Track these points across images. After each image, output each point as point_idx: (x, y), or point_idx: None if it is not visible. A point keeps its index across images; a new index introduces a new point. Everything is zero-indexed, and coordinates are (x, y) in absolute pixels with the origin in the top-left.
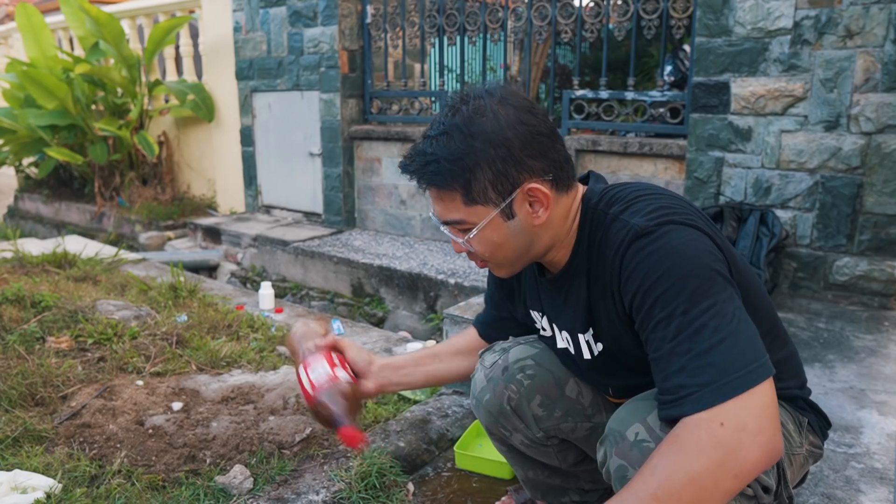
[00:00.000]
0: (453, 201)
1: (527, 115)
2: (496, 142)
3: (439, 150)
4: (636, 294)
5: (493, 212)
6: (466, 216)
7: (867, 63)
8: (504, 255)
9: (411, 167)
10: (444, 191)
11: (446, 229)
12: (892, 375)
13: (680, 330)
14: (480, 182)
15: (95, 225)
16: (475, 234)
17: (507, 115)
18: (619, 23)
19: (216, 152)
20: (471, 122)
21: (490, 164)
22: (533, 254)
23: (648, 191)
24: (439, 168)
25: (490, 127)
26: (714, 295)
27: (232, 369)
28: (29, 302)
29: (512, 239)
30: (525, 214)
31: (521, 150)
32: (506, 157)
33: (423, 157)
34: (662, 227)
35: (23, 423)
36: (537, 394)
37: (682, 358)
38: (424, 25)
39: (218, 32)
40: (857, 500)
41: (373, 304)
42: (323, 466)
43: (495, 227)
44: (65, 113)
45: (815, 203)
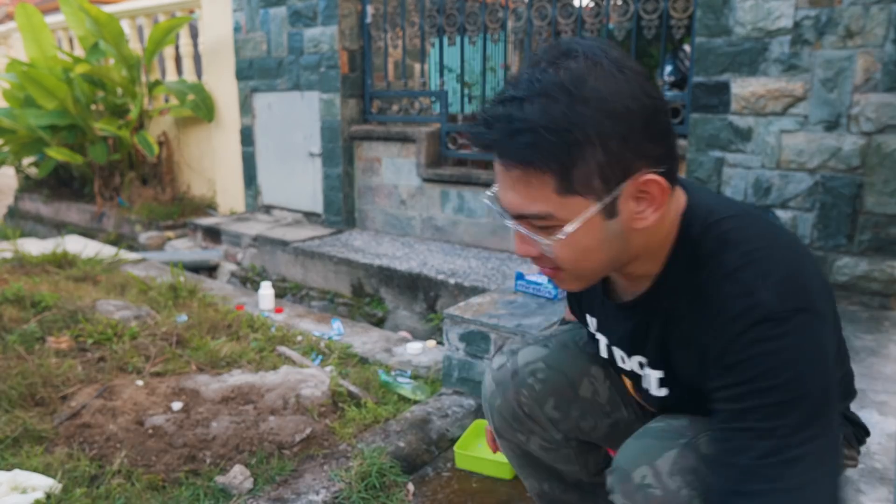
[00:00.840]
0: (542, 188)
1: (649, 86)
2: (616, 112)
3: (535, 115)
4: (739, 385)
5: (594, 207)
6: (557, 210)
7: (867, 63)
8: (590, 265)
9: (490, 135)
10: (533, 172)
11: (521, 226)
12: (892, 375)
13: (774, 451)
14: (588, 164)
15: (95, 225)
16: (565, 236)
17: (628, 80)
18: (619, 23)
19: (216, 152)
20: (583, 83)
21: (604, 143)
22: (617, 265)
23: (770, 239)
24: (536, 139)
25: (609, 92)
26: (823, 424)
27: (232, 369)
28: (29, 302)
29: (605, 244)
30: (629, 214)
31: (644, 128)
32: (625, 137)
33: (510, 124)
34: (796, 317)
35: (23, 423)
36: (550, 397)
37: (768, 483)
38: (424, 25)
39: (218, 32)
40: (857, 500)
41: (373, 304)
42: (323, 466)
43: (591, 228)
44: (65, 113)
45: (815, 203)
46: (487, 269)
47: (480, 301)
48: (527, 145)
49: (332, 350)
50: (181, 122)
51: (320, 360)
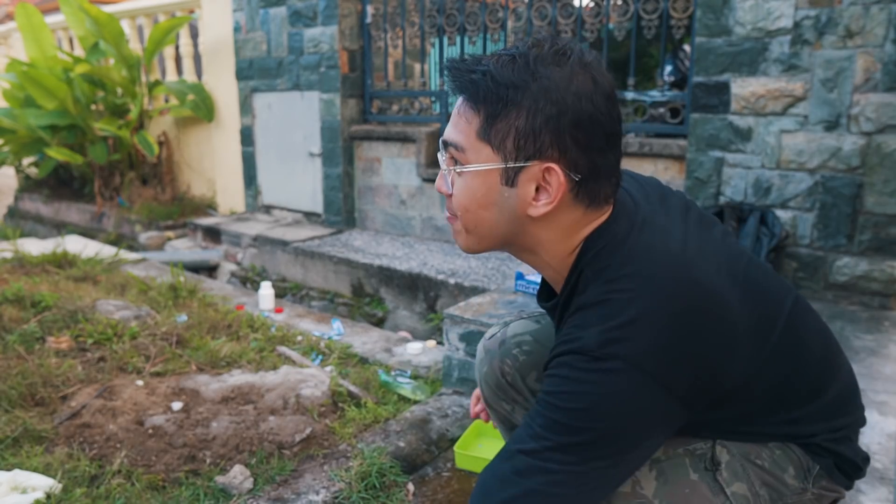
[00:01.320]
0: (469, 124)
1: (602, 101)
2: (553, 97)
3: (495, 67)
4: (542, 393)
5: (498, 164)
6: (469, 148)
7: (867, 63)
8: (477, 221)
9: (457, 66)
10: (468, 105)
11: (442, 152)
12: (892, 375)
13: (534, 454)
14: (508, 122)
15: (95, 225)
16: (462, 172)
17: (582, 84)
18: (619, 23)
19: (216, 152)
20: (542, 62)
21: (529, 114)
22: (511, 245)
23: (645, 279)
24: (482, 80)
25: (558, 79)
26: (589, 459)
27: (232, 369)
28: (29, 302)
29: (495, 209)
30: (524, 195)
31: (571, 125)
32: (549, 119)
33: (475, 64)
34: (609, 362)
35: (23, 423)
36: (533, 370)
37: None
38: (424, 25)
39: (218, 32)
40: (857, 500)
41: (373, 304)
42: (323, 466)
43: (487, 181)
44: (65, 113)
45: (815, 203)
46: (487, 269)
47: (480, 301)
48: (473, 82)
49: (332, 350)
50: (181, 122)
51: (320, 360)
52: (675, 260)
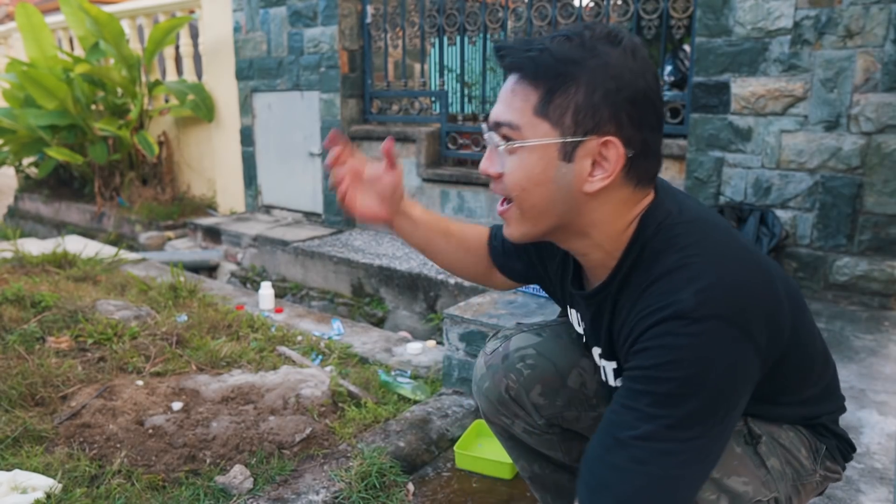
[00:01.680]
0: (525, 101)
1: (654, 81)
2: (611, 73)
3: (552, 44)
4: (638, 369)
5: (556, 139)
6: (526, 125)
7: (867, 63)
8: (532, 201)
9: (510, 44)
10: (525, 83)
11: (492, 134)
12: (892, 375)
13: (651, 437)
14: (568, 98)
15: (95, 225)
16: (518, 146)
17: (637, 63)
18: (619, 23)
19: (216, 152)
20: (600, 40)
21: (589, 89)
22: (563, 228)
23: (715, 247)
24: (539, 56)
25: (615, 57)
26: (708, 427)
27: (232, 369)
28: (29, 302)
29: (552, 186)
30: (581, 170)
31: (628, 101)
32: (608, 94)
33: (531, 43)
34: (707, 322)
35: (23, 423)
36: (537, 384)
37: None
38: (424, 25)
39: (218, 32)
40: (857, 500)
41: (373, 304)
42: (323, 466)
43: (545, 158)
44: (65, 113)
45: (815, 203)
46: None
47: (480, 301)
48: (531, 58)
49: (332, 350)
50: (181, 122)
51: (320, 360)
52: (731, 231)
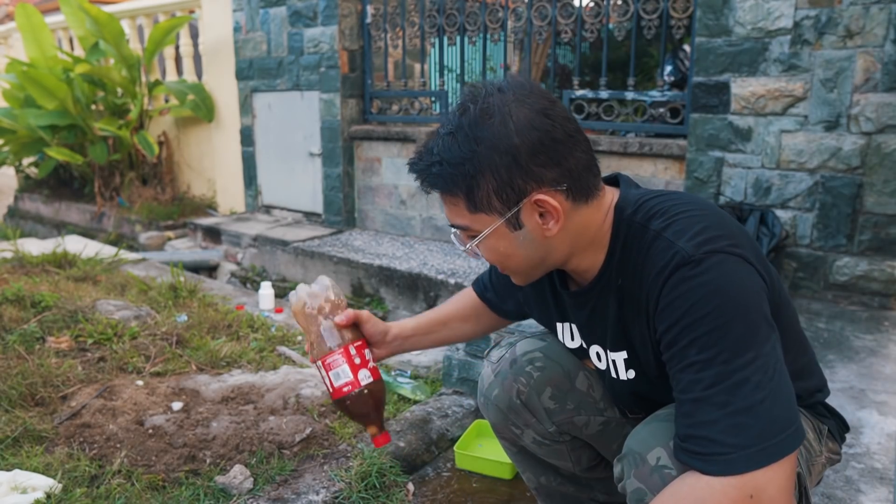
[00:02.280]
0: (457, 206)
1: (541, 119)
2: (501, 148)
3: (444, 151)
4: (672, 327)
5: (498, 221)
6: (471, 223)
7: (867, 63)
8: (515, 265)
9: (417, 166)
10: (447, 195)
11: (454, 233)
12: (892, 375)
13: (719, 379)
14: (483, 190)
15: (95, 225)
16: (479, 242)
17: (518, 118)
18: (619, 23)
19: (216, 152)
20: (476, 125)
21: (494, 173)
22: (550, 264)
23: (690, 205)
24: (441, 171)
25: (496, 131)
26: (758, 345)
27: (232, 369)
28: (29, 302)
29: (522, 250)
30: (534, 226)
31: (529, 158)
32: (510, 166)
33: (429, 157)
34: (711, 258)
35: (23, 423)
36: (547, 386)
37: (718, 411)
38: (424, 25)
39: (218, 32)
40: (857, 500)
41: (373, 304)
42: (323, 466)
43: (501, 237)
44: (65, 113)
45: (815, 203)
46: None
47: None
48: (436, 175)
49: None
50: (181, 122)
51: None
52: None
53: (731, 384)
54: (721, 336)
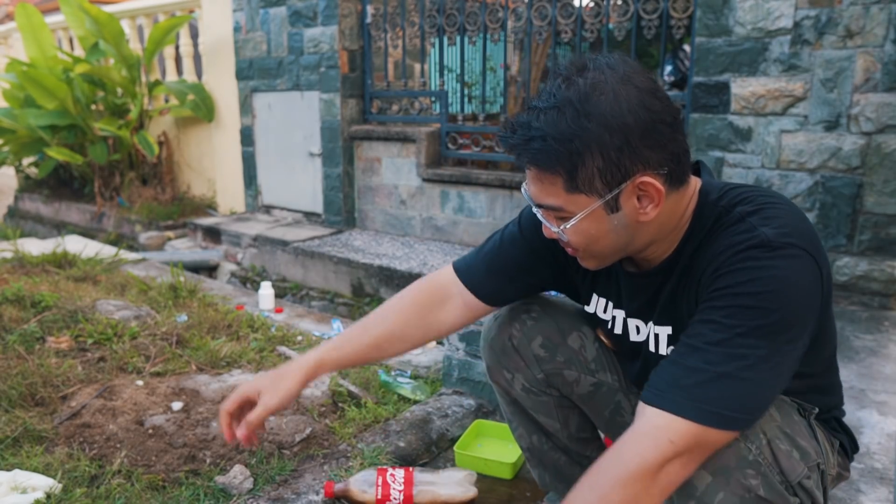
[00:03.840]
0: (553, 185)
1: (651, 99)
2: (613, 126)
3: (547, 126)
4: (720, 290)
5: (597, 203)
6: (566, 204)
7: (867, 63)
8: (600, 249)
9: (512, 140)
10: (545, 172)
11: (540, 213)
12: (892, 375)
13: (726, 344)
14: (588, 169)
15: (95, 225)
16: (572, 225)
17: (628, 97)
18: (619, 23)
19: (216, 152)
20: (587, 100)
21: (603, 151)
22: (631, 249)
23: (776, 198)
24: (545, 146)
25: (608, 108)
26: (779, 345)
27: (232, 369)
28: (29, 302)
29: (612, 233)
30: (631, 209)
31: (641, 138)
32: (622, 146)
33: (528, 131)
34: (790, 249)
35: (23, 423)
36: (539, 335)
37: (705, 364)
38: (424, 25)
39: (218, 32)
40: (857, 500)
41: (373, 304)
42: (323, 466)
43: (596, 220)
44: (65, 113)
45: (815, 203)
46: None
47: None
48: (538, 151)
49: None
50: (181, 122)
51: None
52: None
53: (733, 353)
54: (757, 317)
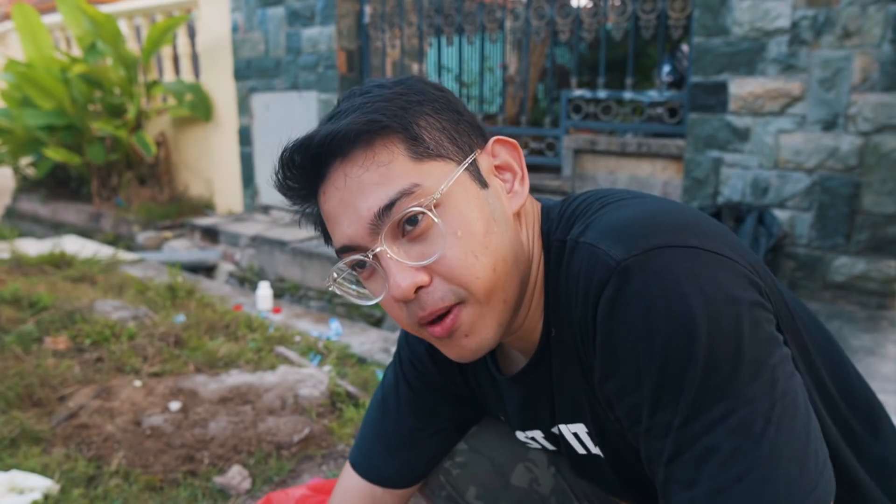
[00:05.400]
0: (393, 157)
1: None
2: (435, 96)
3: (371, 97)
4: (610, 378)
5: (458, 168)
6: (420, 178)
7: (865, 63)
8: (493, 263)
9: (319, 135)
10: (378, 141)
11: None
12: (890, 375)
13: (679, 449)
14: (430, 125)
15: (93, 225)
16: (441, 202)
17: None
18: (617, 22)
19: (214, 152)
20: (396, 84)
21: (436, 112)
22: (520, 277)
23: (620, 194)
24: (373, 108)
25: (421, 86)
26: (737, 390)
27: (230, 369)
28: (26, 302)
29: (495, 227)
30: (498, 187)
31: (465, 113)
32: (456, 116)
33: (344, 114)
34: (652, 259)
35: (20, 424)
36: (471, 484)
37: (685, 491)
38: (422, 25)
39: (216, 32)
40: None
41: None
42: (321, 466)
43: (469, 195)
44: (62, 113)
45: (812, 203)
46: None
47: None
48: (363, 115)
49: (331, 350)
50: (179, 122)
51: (318, 361)
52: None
53: (695, 456)
54: (677, 386)
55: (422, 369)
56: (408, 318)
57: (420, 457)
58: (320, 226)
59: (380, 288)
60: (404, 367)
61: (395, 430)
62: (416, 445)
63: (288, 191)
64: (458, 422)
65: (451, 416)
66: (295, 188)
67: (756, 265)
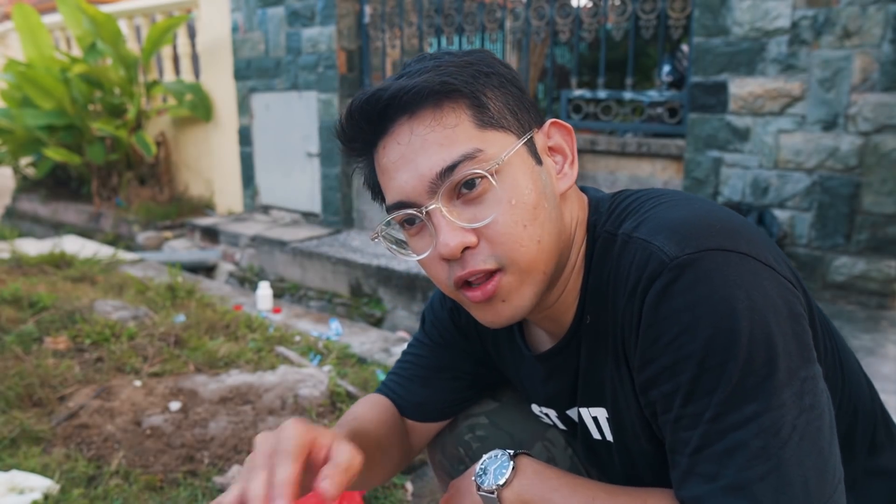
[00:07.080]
0: (459, 122)
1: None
2: (502, 71)
3: (437, 65)
4: (650, 364)
5: (517, 141)
6: (482, 144)
7: (865, 63)
8: (537, 236)
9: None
10: (446, 105)
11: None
12: (890, 375)
13: (706, 441)
14: (496, 96)
15: (93, 225)
16: (500, 169)
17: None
18: (617, 22)
19: (214, 152)
20: (467, 54)
21: (502, 85)
22: (559, 255)
23: (666, 195)
24: (443, 71)
25: (491, 59)
26: (769, 392)
27: (230, 369)
28: (26, 302)
29: (546, 206)
30: (549, 165)
31: (526, 92)
32: (519, 93)
33: (410, 76)
34: (702, 259)
35: (20, 424)
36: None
37: (706, 484)
38: (422, 25)
39: (216, 32)
40: None
41: (371, 304)
42: None
43: (525, 168)
44: (62, 113)
45: (812, 203)
46: None
47: None
48: (436, 76)
49: (331, 350)
50: (179, 122)
51: (318, 361)
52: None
53: (722, 450)
54: (712, 385)
55: (443, 330)
56: (447, 278)
57: (431, 395)
58: (370, 180)
59: (425, 246)
60: (426, 328)
61: (411, 367)
62: (429, 384)
63: (348, 140)
64: (473, 377)
65: (468, 371)
66: (356, 137)
67: (797, 277)
